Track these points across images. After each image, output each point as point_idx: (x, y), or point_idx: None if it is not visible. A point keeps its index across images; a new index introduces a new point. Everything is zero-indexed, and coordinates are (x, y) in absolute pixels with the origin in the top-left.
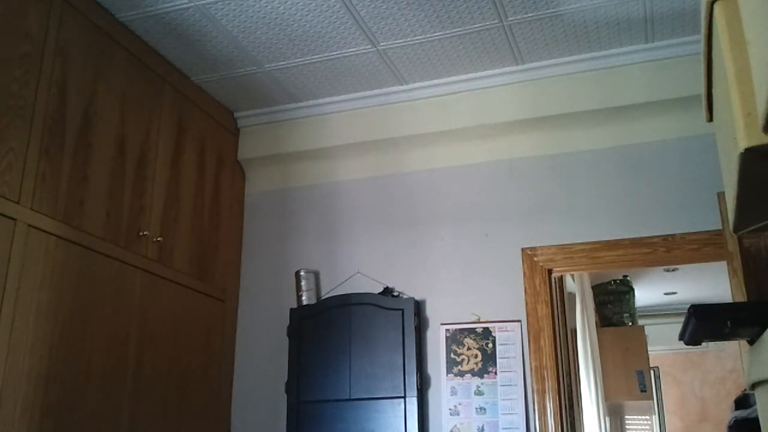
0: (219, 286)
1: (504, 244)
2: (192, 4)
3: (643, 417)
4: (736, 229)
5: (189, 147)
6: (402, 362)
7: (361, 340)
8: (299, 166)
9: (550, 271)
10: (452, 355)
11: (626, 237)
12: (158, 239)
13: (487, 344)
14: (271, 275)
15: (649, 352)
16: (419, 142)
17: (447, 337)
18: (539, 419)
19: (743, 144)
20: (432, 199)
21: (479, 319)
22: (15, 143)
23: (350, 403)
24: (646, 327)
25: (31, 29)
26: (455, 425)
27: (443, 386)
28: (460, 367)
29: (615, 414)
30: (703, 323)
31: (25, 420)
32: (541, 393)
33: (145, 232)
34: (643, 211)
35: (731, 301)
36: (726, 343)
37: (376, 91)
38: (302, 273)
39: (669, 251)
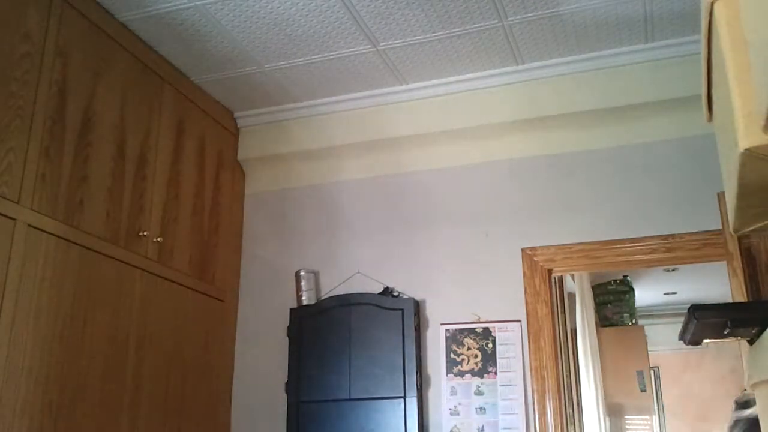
0: (219, 286)
1: (504, 244)
2: (192, 4)
3: (643, 417)
4: (736, 229)
5: (189, 147)
6: (402, 362)
7: (361, 340)
8: (299, 166)
9: (550, 271)
10: (452, 355)
11: (626, 237)
12: (158, 239)
13: (487, 344)
14: (271, 275)
15: (649, 352)
16: (419, 142)
17: (447, 337)
18: (539, 419)
19: (743, 144)
20: (432, 199)
21: (479, 319)
22: (15, 143)
23: (350, 403)
24: (646, 327)
25: (31, 29)
26: (455, 425)
27: (443, 386)
28: (460, 367)
29: (615, 414)
30: (703, 323)
31: (25, 420)
32: (541, 393)
33: (145, 232)
34: (643, 211)
35: (731, 301)
36: (726, 343)
37: (377, 91)
38: (302, 273)
39: (669, 251)
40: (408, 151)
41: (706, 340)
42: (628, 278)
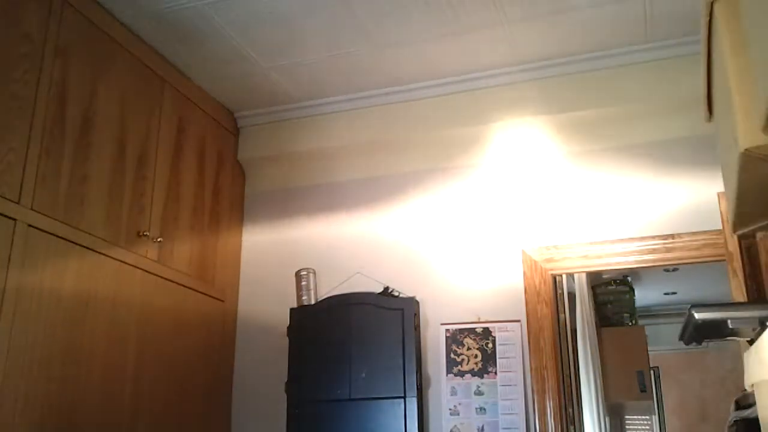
0: (219, 286)
1: (504, 244)
2: (192, 4)
3: (643, 417)
4: (736, 229)
5: (189, 147)
6: (402, 362)
7: (361, 340)
8: (299, 166)
9: (550, 271)
10: (452, 355)
11: (626, 237)
12: (158, 240)
13: (487, 344)
14: (271, 275)
15: (649, 352)
16: (419, 142)
17: (447, 337)
18: (539, 419)
19: (743, 144)
20: (432, 199)
21: (479, 319)
22: (15, 143)
23: (350, 403)
24: (646, 327)
25: (31, 29)
26: (455, 425)
27: (443, 386)
28: (460, 367)
29: (615, 414)
30: (704, 323)
31: (25, 419)
32: (541, 393)
33: (145, 233)
34: (644, 211)
35: (731, 301)
36: (726, 343)
37: (376, 91)
38: (302, 273)
39: (669, 251)
40: (407, 151)
41: (706, 340)
42: (628, 278)
